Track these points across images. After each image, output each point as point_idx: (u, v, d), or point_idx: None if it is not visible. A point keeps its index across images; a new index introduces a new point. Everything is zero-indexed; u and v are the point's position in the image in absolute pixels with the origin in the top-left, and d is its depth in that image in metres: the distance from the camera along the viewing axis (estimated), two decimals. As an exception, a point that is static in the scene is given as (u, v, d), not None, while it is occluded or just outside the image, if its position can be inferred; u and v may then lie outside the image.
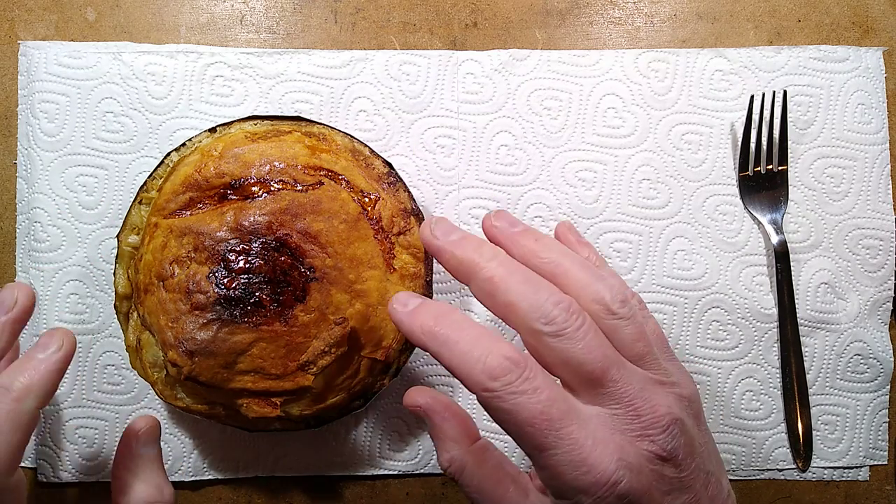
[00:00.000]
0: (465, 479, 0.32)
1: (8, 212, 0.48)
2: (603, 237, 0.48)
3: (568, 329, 0.29)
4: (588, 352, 0.29)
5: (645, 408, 0.29)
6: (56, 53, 0.48)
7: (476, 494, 0.32)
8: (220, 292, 0.37)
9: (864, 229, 0.49)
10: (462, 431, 0.33)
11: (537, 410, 0.28)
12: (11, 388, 0.31)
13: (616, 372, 0.29)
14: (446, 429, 0.33)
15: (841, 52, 0.50)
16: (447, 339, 0.30)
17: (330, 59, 0.49)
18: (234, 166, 0.40)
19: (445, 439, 0.33)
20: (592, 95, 0.49)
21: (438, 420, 0.33)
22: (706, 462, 0.30)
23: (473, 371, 0.29)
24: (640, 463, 0.28)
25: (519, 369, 0.28)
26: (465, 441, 0.32)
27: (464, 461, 0.32)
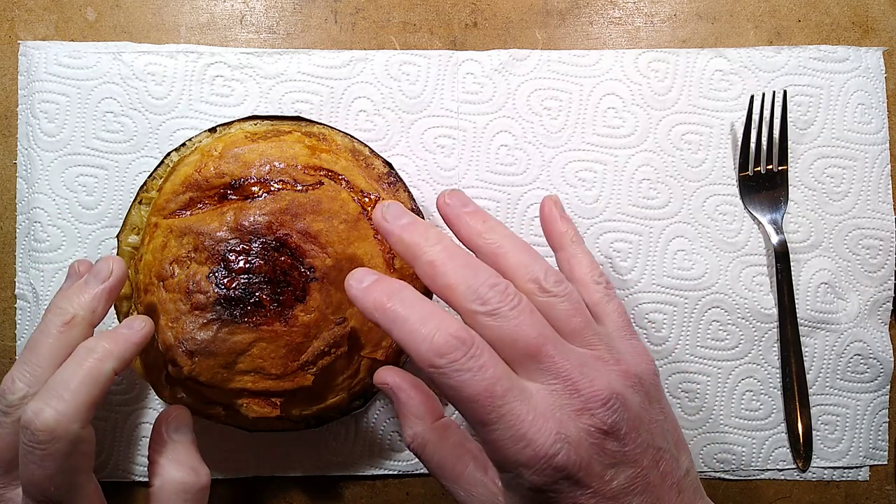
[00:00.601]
0: (426, 455, 0.34)
1: (8, 212, 0.48)
2: (603, 237, 0.48)
3: (501, 308, 0.30)
4: (521, 329, 0.30)
5: (583, 382, 0.30)
6: (56, 53, 0.48)
7: (437, 470, 0.33)
8: (220, 292, 0.37)
9: (864, 229, 0.49)
10: (426, 409, 0.34)
11: (481, 387, 0.29)
12: (95, 350, 0.34)
13: (552, 348, 0.30)
14: (411, 406, 0.34)
15: (841, 52, 0.50)
16: (397, 315, 0.31)
17: (330, 59, 0.49)
18: (234, 166, 0.40)
19: (409, 416, 0.34)
20: (592, 95, 0.49)
21: (404, 397, 0.34)
22: (656, 438, 0.31)
23: (421, 348, 0.30)
24: (580, 437, 0.29)
25: (465, 347, 0.29)
26: (429, 418, 0.34)
27: (426, 438, 0.33)
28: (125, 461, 0.46)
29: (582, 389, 0.29)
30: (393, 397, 0.35)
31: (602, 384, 0.30)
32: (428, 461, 0.34)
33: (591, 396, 0.29)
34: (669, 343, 0.48)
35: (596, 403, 0.29)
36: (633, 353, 0.33)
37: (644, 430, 0.30)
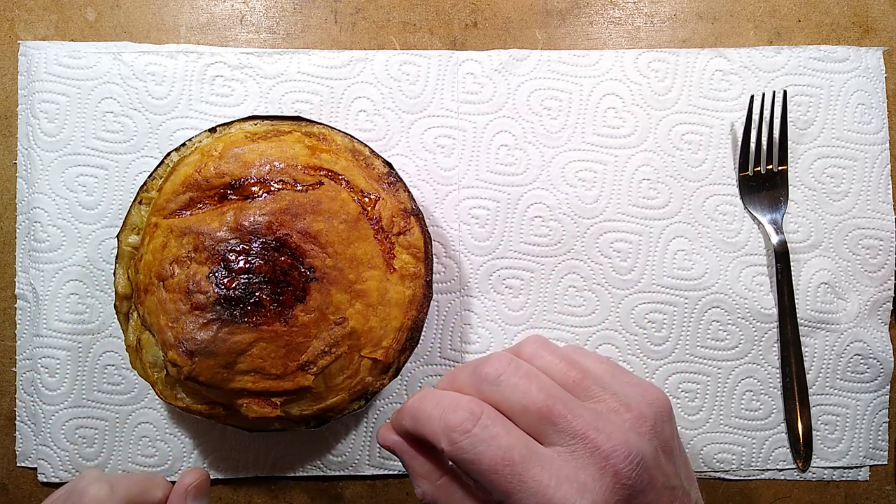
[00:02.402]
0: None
1: (8, 212, 0.48)
2: (603, 237, 0.48)
3: (503, 375, 0.31)
4: (530, 393, 0.30)
5: (601, 439, 0.29)
6: (56, 53, 0.48)
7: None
8: (220, 292, 0.37)
9: (864, 229, 0.49)
10: (430, 468, 0.34)
11: (499, 456, 0.29)
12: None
13: (563, 407, 0.30)
14: (415, 466, 0.34)
15: (841, 52, 0.50)
16: (417, 412, 0.32)
17: (330, 59, 0.49)
18: (234, 166, 0.40)
19: (416, 476, 0.34)
20: (592, 95, 0.49)
21: (407, 458, 0.35)
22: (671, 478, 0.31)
23: (437, 429, 0.30)
24: (605, 497, 0.29)
25: (474, 418, 0.30)
26: (434, 476, 0.34)
27: (434, 495, 0.34)
28: (125, 461, 0.46)
29: (601, 446, 0.29)
30: (399, 458, 0.36)
31: (619, 439, 0.29)
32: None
33: (612, 453, 0.29)
34: (669, 343, 0.48)
35: (618, 459, 0.29)
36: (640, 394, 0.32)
37: (660, 475, 0.30)
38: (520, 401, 0.30)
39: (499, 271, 0.48)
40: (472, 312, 0.48)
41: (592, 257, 0.48)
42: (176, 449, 0.46)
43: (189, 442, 0.47)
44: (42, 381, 0.46)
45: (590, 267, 0.48)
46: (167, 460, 0.46)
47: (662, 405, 0.32)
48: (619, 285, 0.48)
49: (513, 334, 0.48)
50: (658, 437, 0.31)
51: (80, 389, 0.46)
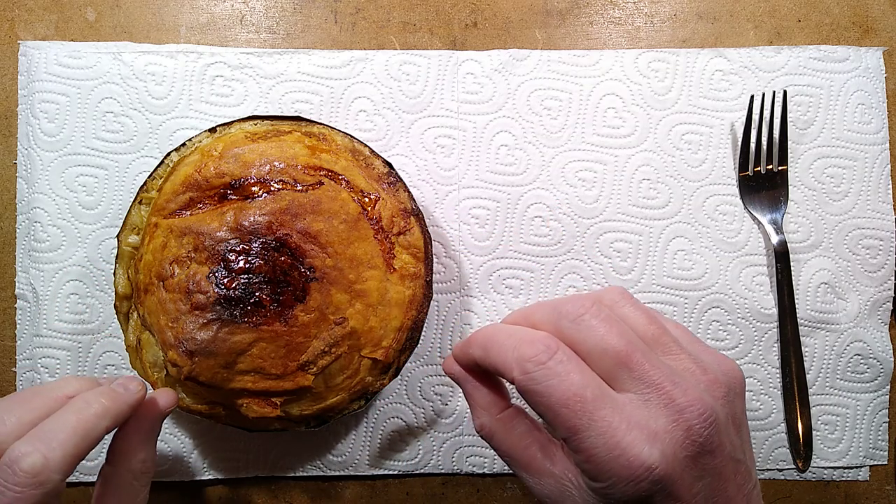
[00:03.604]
0: (494, 444, 0.34)
1: (8, 212, 0.48)
2: (603, 237, 0.48)
3: (585, 317, 0.30)
4: (609, 337, 0.30)
5: (676, 392, 0.29)
6: (56, 53, 0.48)
7: (506, 458, 0.34)
8: (220, 292, 0.37)
9: (864, 229, 0.49)
10: (492, 400, 0.34)
11: (571, 392, 0.28)
12: (92, 405, 0.33)
13: (641, 356, 0.30)
14: (477, 397, 0.34)
15: (841, 52, 0.50)
16: (489, 341, 0.32)
17: (330, 59, 0.49)
18: (234, 166, 0.40)
19: (476, 406, 0.34)
20: (592, 95, 0.49)
21: (470, 388, 0.35)
22: (736, 450, 0.30)
23: (508, 359, 0.30)
24: (675, 450, 0.28)
25: (550, 352, 0.29)
26: (495, 409, 0.34)
27: (493, 428, 0.34)
28: (125, 461, 0.46)
29: (676, 399, 0.29)
30: (461, 387, 0.35)
31: (695, 396, 0.29)
32: (497, 449, 0.34)
33: (686, 407, 0.29)
34: (669, 343, 0.48)
35: (692, 415, 0.29)
36: (717, 362, 0.32)
37: (729, 443, 0.30)
38: (598, 343, 0.30)
39: (499, 271, 0.48)
40: (472, 312, 0.48)
41: (592, 257, 0.48)
42: (176, 449, 0.46)
43: (189, 442, 0.47)
44: (42, 381, 0.46)
45: (590, 267, 0.48)
46: (167, 460, 0.46)
47: (737, 377, 0.32)
48: (619, 285, 0.48)
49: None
50: (730, 405, 0.31)
51: (80, 389, 0.46)
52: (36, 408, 0.33)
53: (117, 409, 0.34)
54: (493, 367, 0.32)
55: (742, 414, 0.32)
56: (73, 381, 0.35)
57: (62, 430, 0.31)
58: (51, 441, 0.31)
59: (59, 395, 0.34)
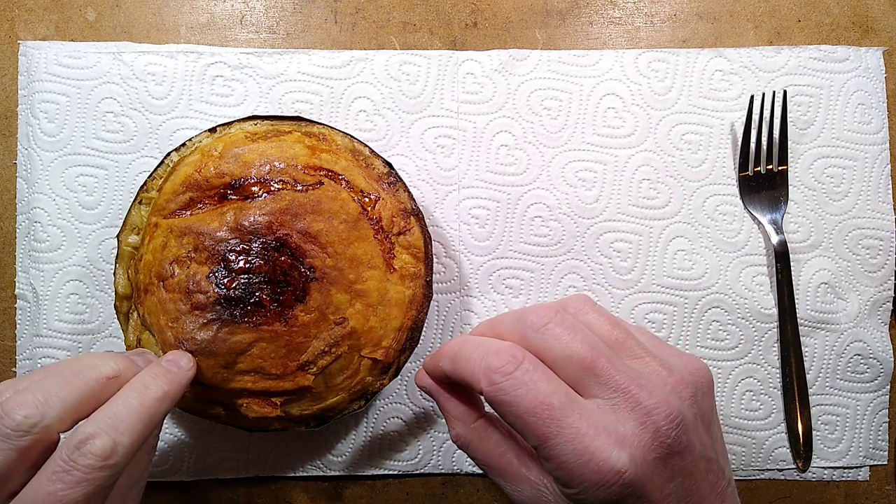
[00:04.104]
0: (471, 453, 0.34)
1: (8, 212, 0.48)
2: (603, 237, 0.48)
3: (549, 325, 0.31)
4: (573, 344, 0.30)
5: (642, 395, 0.29)
6: (56, 53, 0.48)
7: (483, 466, 0.34)
8: (220, 292, 0.37)
9: (864, 229, 0.49)
10: (465, 410, 0.35)
11: (538, 401, 0.29)
12: (151, 387, 0.33)
13: (606, 361, 0.30)
14: (450, 408, 0.35)
15: (841, 52, 0.50)
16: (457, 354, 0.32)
17: (330, 59, 0.49)
18: (234, 166, 0.40)
19: (451, 418, 0.35)
20: (592, 95, 0.49)
21: (443, 400, 0.35)
22: (707, 449, 0.30)
23: (476, 371, 0.31)
24: (644, 453, 0.28)
25: (516, 361, 0.30)
26: (469, 419, 0.34)
27: (468, 437, 0.34)
28: (125, 461, 0.46)
29: (643, 402, 0.29)
30: (434, 400, 0.36)
31: (661, 398, 0.29)
32: (474, 458, 0.34)
33: (653, 409, 0.29)
34: (670, 343, 0.48)
35: (659, 417, 0.29)
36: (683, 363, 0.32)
37: (698, 443, 0.30)
38: (563, 350, 0.30)
39: (499, 271, 0.48)
40: (472, 312, 0.48)
41: (592, 257, 0.48)
42: (176, 449, 0.46)
43: (189, 442, 0.47)
44: (42, 381, 0.46)
45: (590, 267, 0.48)
46: (167, 460, 0.46)
47: (704, 376, 0.32)
48: (619, 285, 0.48)
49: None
50: (698, 405, 0.31)
51: (80, 389, 0.46)
52: (79, 388, 0.32)
53: (175, 390, 0.34)
54: (461, 379, 0.32)
55: (711, 412, 0.32)
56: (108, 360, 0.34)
57: (128, 414, 0.31)
58: (118, 425, 0.30)
59: (99, 376, 0.32)
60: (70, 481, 0.29)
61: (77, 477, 0.29)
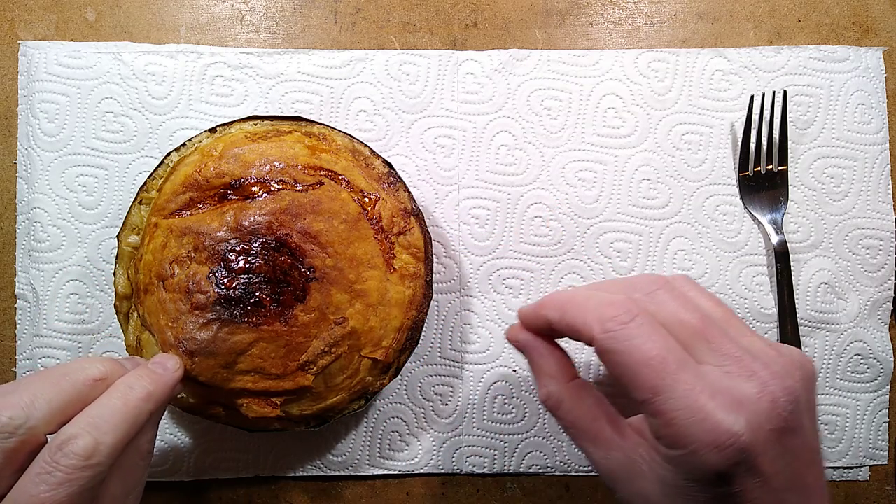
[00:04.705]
0: (560, 414, 0.33)
1: (8, 212, 0.48)
2: (603, 237, 0.48)
3: (658, 291, 0.31)
4: (683, 312, 0.30)
5: (757, 365, 0.28)
6: (56, 53, 0.48)
7: (572, 429, 0.33)
8: (220, 292, 0.37)
9: (864, 229, 0.49)
10: (560, 369, 0.33)
11: (653, 352, 0.28)
12: (135, 388, 0.32)
13: (717, 331, 0.29)
14: (544, 365, 0.34)
15: (841, 52, 0.50)
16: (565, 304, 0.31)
17: (330, 59, 0.49)
18: (234, 166, 0.40)
19: (543, 375, 0.33)
20: (592, 95, 0.49)
21: (536, 356, 0.34)
22: (814, 439, 0.29)
23: (588, 319, 0.29)
24: (760, 421, 0.27)
25: (631, 313, 0.29)
26: (563, 378, 0.33)
27: (561, 396, 0.33)
28: (125, 461, 0.46)
29: (758, 371, 0.27)
30: (526, 356, 0.35)
31: (776, 370, 0.28)
32: (562, 419, 0.33)
33: (769, 380, 0.27)
34: (669, 343, 0.48)
35: (776, 388, 0.27)
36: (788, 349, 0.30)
37: (809, 427, 0.29)
38: (673, 314, 0.29)
39: (499, 271, 0.48)
40: (472, 312, 0.48)
41: (592, 257, 0.48)
42: (176, 449, 0.46)
43: (189, 442, 0.47)
44: (42, 381, 0.46)
45: (590, 267, 0.48)
46: (167, 460, 0.46)
47: (809, 365, 0.30)
48: (619, 285, 0.48)
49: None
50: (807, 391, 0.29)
51: (80, 389, 0.46)
52: (65, 390, 0.31)
53: (160, 392, 0.33)
54: (570, 327, 0.31)
55: (815, 406, 0.30)
56: (96, 363, 0.34)
57: (111, 414, 0.31)
58: (101, 426, 0.30)
59: (85, 378, 0.32)
60: (53, 483, 0.29)
61: (59, 478, 0.29)
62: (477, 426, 0.47)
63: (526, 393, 0.47)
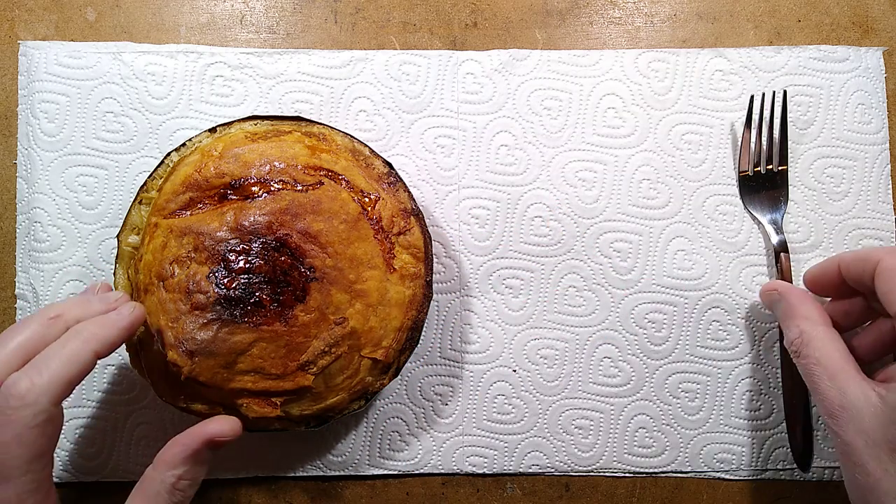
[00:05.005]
0: (809, 350, 0.35)
1: (8, 212, 0.48)
2: (603, 237, 0.48)
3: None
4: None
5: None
6: (56, 53, 0.48)
7: (814, 364, 0.35)
8: (220, 292, 0.37)
9: (864, 229, 0.49)
10: (819, 313, 0.36)
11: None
12: (81, 332, 0.34)
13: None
14: (801, 308, 0.36)
15: (841, 52, 0.50)
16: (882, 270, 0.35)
17: (330, 59, 0.49)
18: (234, 166, 0.40)
19: (798, 316, 0.36)
20: (592, 95, 0.49)
21: (795, 299, 0.37)
22: None
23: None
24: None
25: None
26: (820, 321, 0.36)
27: (813, 334, 0.35)
28: (125, 461, 0.46)
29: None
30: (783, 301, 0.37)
31: None
32: (809, 356, 0.35)
33: None
34: (669, 343, 0.48)
35: None
36: None
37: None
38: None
39: (499, 271, 0.48)
40: (472, 312, 0.48)
41: (592, 257, 0.48)
42: (176, 449, 0.46)
43: (189, 442, 0.47)
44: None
45: (590, 267, 0.48)
46: (167, 460, 0.46)
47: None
48: (619, 285, 0.48)
49: (513, 334, 0.48)
50: None
51: (79, 389, 0.46)
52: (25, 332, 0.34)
53: (108, 333, 0.35)
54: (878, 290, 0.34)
55: None
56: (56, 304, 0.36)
57: (52, 357, 0.33)
58: (39, 367, 0.32)
59: (43, 318, 0.35)
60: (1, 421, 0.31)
61: (2, 420, 0.31)
62: (477, 426, 0.47)
63: (526, 393, 0.47)
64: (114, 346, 0.35)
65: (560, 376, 0.48)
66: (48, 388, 0.32)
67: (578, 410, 0.47)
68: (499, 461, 0.47)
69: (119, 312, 0.36)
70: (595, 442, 0.47)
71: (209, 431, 0.37)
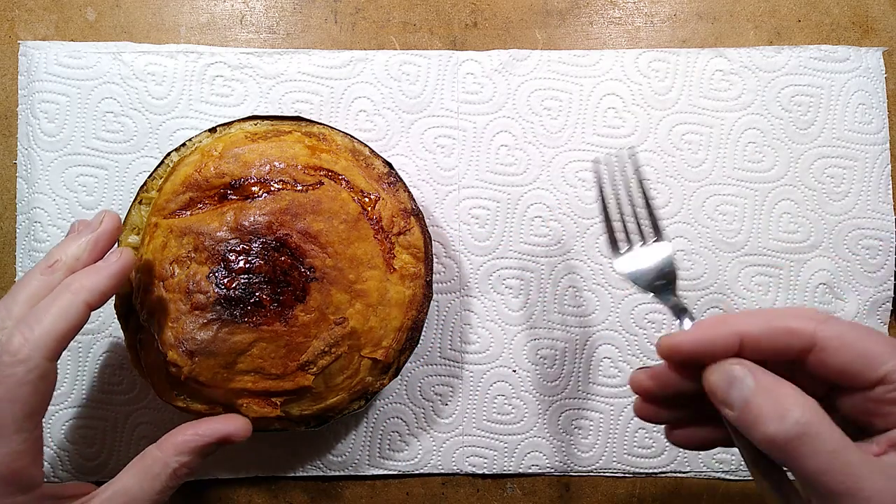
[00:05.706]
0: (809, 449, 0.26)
1: (8, 212, 0.48)
2: (603, 237, 0.48)
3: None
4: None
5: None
6: (56, 53, 0.48)
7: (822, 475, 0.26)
8: (220, 292, 0.37)
9: (864, 229, 0.49)
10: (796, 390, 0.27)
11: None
12: (70, 285, 0.34)
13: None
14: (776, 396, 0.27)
15: (841, 52, 0.50)
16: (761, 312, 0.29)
17: (330, 59, 0.49)
18: (234, 166, 0.40)
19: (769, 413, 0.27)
20: (592, 95, 0.49)
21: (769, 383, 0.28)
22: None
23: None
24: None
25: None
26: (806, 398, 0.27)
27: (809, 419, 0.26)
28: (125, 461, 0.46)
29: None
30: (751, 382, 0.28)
31: None
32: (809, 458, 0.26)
33: None
34: (669, 343, 0.48)
35: None
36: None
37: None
38: None
39: (499, 271, 0.48)
40: (472, 312, 0.48)
41: (592, 257, 0.48)
42: (176, 449, 0.46)
43: (189, 442, 0.47)
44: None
45: (590, 267, 0.48)
46: (167, 460, 0.46)
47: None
48: (619, 285, 0.48)
49: (513, 334, 0.48)
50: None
51: (80, 389, 0.46)
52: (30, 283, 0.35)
53: (94, 283, 0.34)
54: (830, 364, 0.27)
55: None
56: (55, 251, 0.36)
57: (43, 312, 0.33)
58: (31, 324, 0.32)
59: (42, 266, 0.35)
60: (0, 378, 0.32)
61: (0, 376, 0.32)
62: (477, 426, 0.47)
63: (526, 393, 0.47)
64: (105, 296, 0.35)
65: (560, 376, 0.48)
66: (41, 343, 0.32)
67: (578, 410, 0.47)
68: (499, 461, 0.47)
69: (107, 260, 0.36)
70: (595, 442, 0.47)
71: (226, 429, 0.37)
